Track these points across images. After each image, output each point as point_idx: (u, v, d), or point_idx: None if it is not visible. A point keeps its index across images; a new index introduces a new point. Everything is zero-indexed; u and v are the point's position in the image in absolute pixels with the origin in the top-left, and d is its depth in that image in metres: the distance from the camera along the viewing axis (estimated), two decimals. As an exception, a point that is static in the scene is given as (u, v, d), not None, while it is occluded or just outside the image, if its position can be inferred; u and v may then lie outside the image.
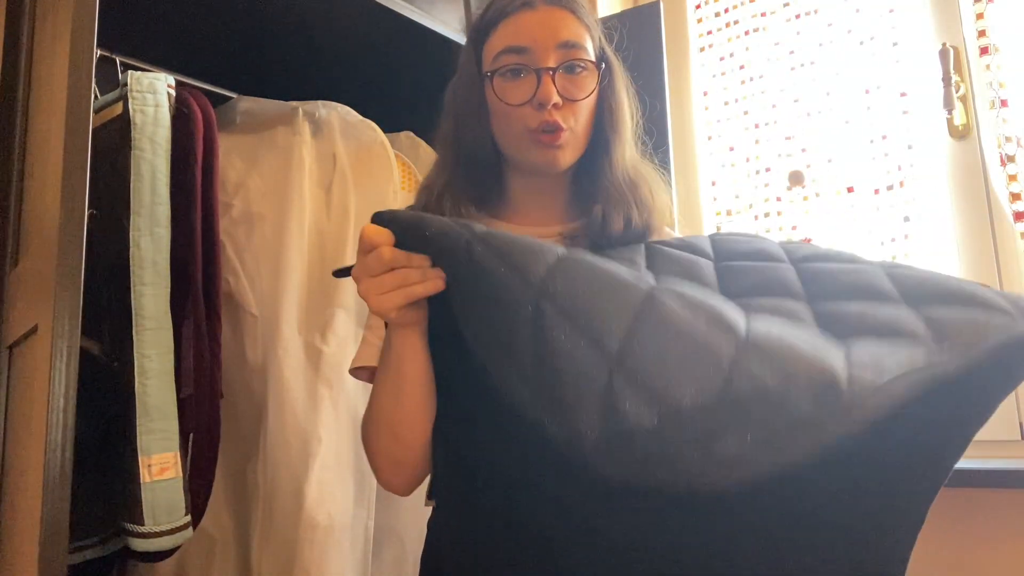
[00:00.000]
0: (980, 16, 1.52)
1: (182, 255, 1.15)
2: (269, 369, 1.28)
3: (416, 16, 1.43)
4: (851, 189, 1.64)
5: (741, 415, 0.54)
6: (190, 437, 1.14)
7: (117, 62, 1.38)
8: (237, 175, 1.37)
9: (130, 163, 1.10)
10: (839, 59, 1.69)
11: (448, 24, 1.51)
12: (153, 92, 1.15)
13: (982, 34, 1.51)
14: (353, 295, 1.33)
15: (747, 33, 1.86)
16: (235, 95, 1.52)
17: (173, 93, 1.18)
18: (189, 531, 1.08)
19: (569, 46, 0.84)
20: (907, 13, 1.60)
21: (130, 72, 1.16)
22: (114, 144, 1.13)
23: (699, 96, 1.92)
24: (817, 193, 1.69)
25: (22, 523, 0.94)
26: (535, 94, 0.83)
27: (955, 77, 1.48)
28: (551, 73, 0.83)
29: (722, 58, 1.89)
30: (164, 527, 1.04)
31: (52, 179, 0.94)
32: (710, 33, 1.93)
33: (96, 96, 1.13)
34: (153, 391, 1.07)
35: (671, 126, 1.62)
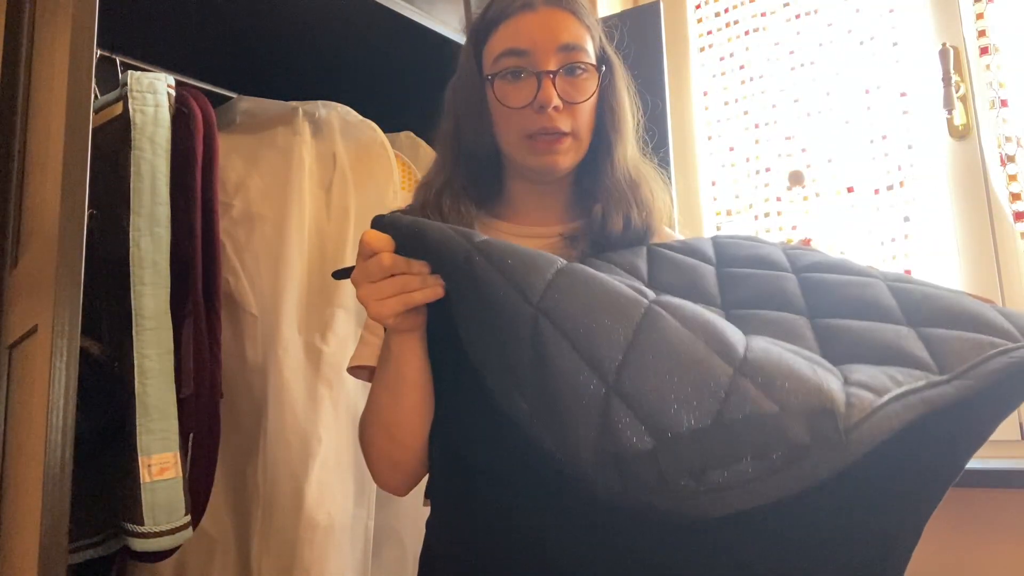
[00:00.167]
0: (980, 16, 1.52)
1: (182, 255, 1.15)
2: (269, 369, 1.28)
3: (416, 16, 1.43)
4: (851, 189, 1.64)
5: (736, 442, 0.53)
6: (190, 437, 1.14)
7: (117, 62, 1.38)
8: (237, 175, 1.37)
9: (130, 163, 1.10)
10: (839, 59, 1.69)
11: (448, 24, 1.51)
12: (153, 92, 1.14)
13: (982, 34, 1.51)
14: (353, 295, 1.32)
15: (747, 33, 1.86)
16: (235, 95, 1.52)
17: (173, 93, 1.18)
18: (189, 531, 1.08)
19: (569, 48, 0.84)
20: (907, 13, 1.60)
21: (130, 72, 1.15)
22: (114, 144, 1.13)
23: (699, 96, 1.92)
24: (817, 193, 1.69)
25: (22, 523, 0.94)
26: (535, 97, 0.82)
27: (955, 77, 1.48)
28: (551, 76, 0.82)
29: (722, 58, 1.89)
30: (164, 527, 1.04)
31: (52, 179, 0.94)
32: (710, 33, 1.93)
33: (96, 96, 1.13)
34: (153, 391, 1.07)
35: (671, 126, 1.61)
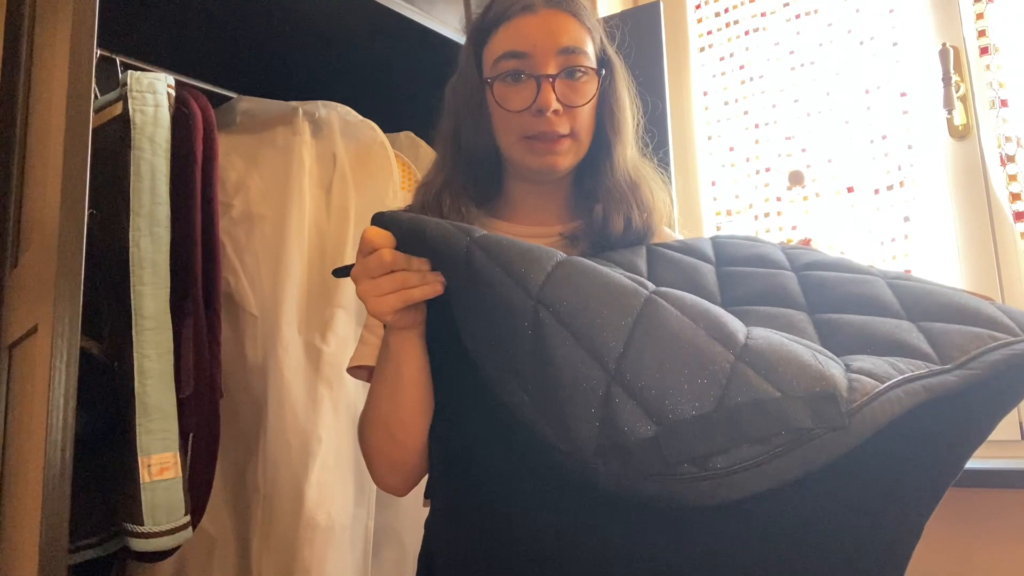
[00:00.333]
0: (980, 16, 1.51)
1: (182, 255, 1.15)
2: (269, 369, 1.28)
3: (416, 16, 1.43)
4: (851, 189, 1.64)
5: (738, 429, 0.53)
6: (190, 437, 1.14)
7: (117, 62, 1.38)
8: (237, 175, 1.37)
9: (130, 163, 1.10)
10: (839, 59, 1.69)
11: (448, 24, 1.51)
12: (153, 92, 1.15)
13: (982, 34, 1.51)
14: (353, 295, 1.33)
15: (747, 33, 1.86)
16: (235, 95, 1.52)
17: (173, 93, 1.18)
18: (189, 531, 1.08)
19: (570, 51, 0.84)
20: (907, 13, 1.60)
21: (130, 72, 1.15)
22: (114, 144, 1.13)
23: (699, 96, 1.92)
24: (817, 193, 1.69)
25: (22, 523, 0.94)
26: (535, 101, 0.82)
27: (955, 77, 1.48)
28: (551, 80, 0.82)
29: (722, 58, 1.89)
30: (164, 527, 1.04)
31: (52, 179, 0.94)
32: (710, 33, 1.93)
33: (96, 96, 1.13)
34: (153, 391, 1.07)
35: (671, 126, 1.61)
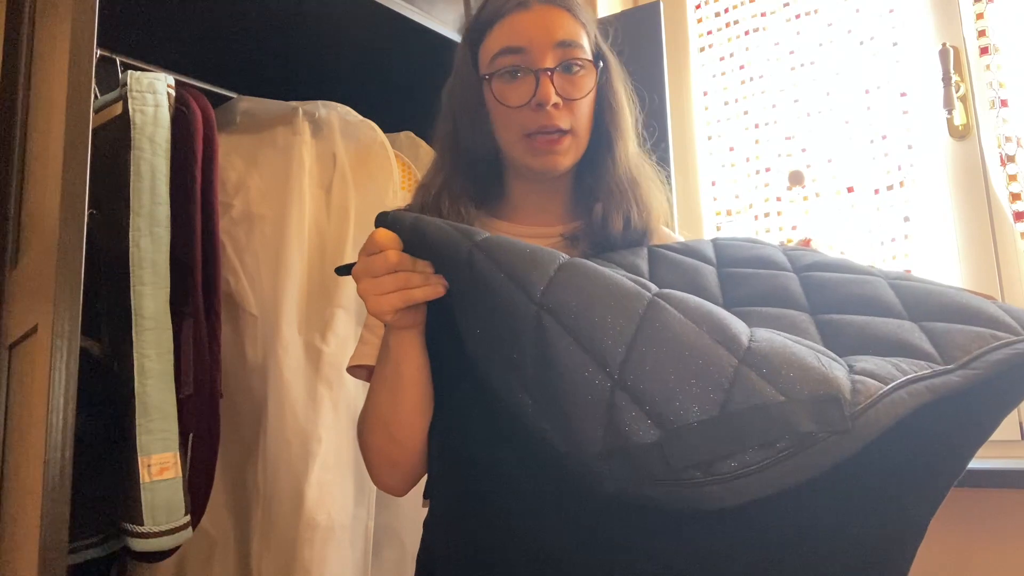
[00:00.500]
0: (980, 16, 1.51)
1: (182, 255, 1.15)
2: (269, 369, 1.28)
3: (416, 16, 1.43)
4: (851, 189, 1.64)
5: (742, 431, 0.53)
6: (190, 437, 1.14)
7: (117, 62, 1.38)
8: (237, 175, 1.37)
9: (130, 163, 1.10)
10: (839, 59, 1.69)
11: (448, 24, 1.51)
12: (153, 92, 1.15)
13: (982, 34, 1.51)
14: (353, 295, 1.33)
15: (747, 33, 1.86)
16: (235, 95, 1.52)
17: (173, 93, 1.18)
18: (189, 531, 1.08)
19: (566, 45, 0.84)
20: (907, 13, 1.60)
21: (130, 72, 1.15)
22: (114, 144, 1.13)
23: (699, 96, 1.92)
24: (817, 193, 1.69)
25: (22, 523, 0.94)
26: (534, 95, 0.82)
27: (955, 77, 1.48)
28: (549, 74, 0.82)
29: (722, 58, 1.89)
30: (164, 527, 1.04)
31: (52, 179, 0.94)
32: (710, 33, 1.93)
33: (96, 96, 1.13)
34: (153, 391, 1.07)
35: (671, 126, 1.61)
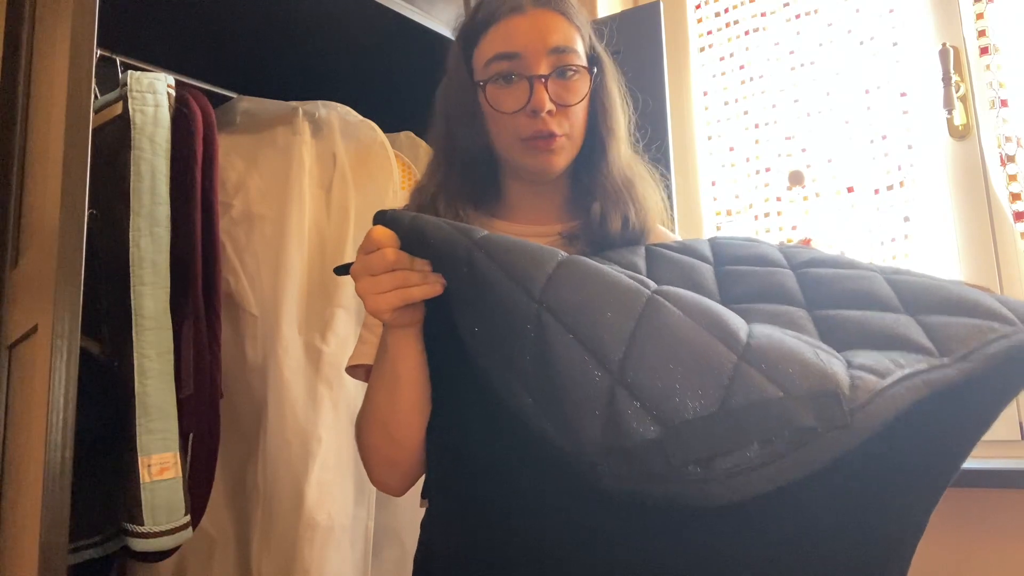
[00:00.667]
0: (980, 16, 1.51)
1: (182, 255, 1.15)
2: (269, 369, 1.28)
3: (416, 16, 1.43)
4: (851, 189, 1.64)
5: (742, 428, 0.53)
6: (190, 437, 1.14)
7: (117, 62, 1.38)
8: (237, 175, 1.37)
9: (130, 163, 1.11)
10: (839, 59, 1.69)
11: (448, 24, 1.51)
12: (153, 92, 1.15)
13: (982, 34, 1.51)
14: (353, 295, 1.33)
15: (747, 33, 1.85)
16: (235, 95, 1.52)
17: (173, 93, 1.18)
18: (189, 531, 1.08)
19: (560, 51, 0.84)
20: (907, 13, 1.60)
21: (130, 72, 1.16)
22: (114, 144, 1.13)
23: (699, 96, 1.92)
24: (817, 193, 1.69)
25: (22, 523, 0.94)
26: (528, 102, 0.82)
27: (955, 77, 1.48)
28: (543, 80, 0.82)
29: (722, 58, 1.89)
30: (164, 527, 1.04)
31: (52, 179, 0.94)
32: (710, 33, 1.93)
33: (96, 96, 1.13)
34: (153, 391, 1.07)
35: (671, 126, 1.61)
